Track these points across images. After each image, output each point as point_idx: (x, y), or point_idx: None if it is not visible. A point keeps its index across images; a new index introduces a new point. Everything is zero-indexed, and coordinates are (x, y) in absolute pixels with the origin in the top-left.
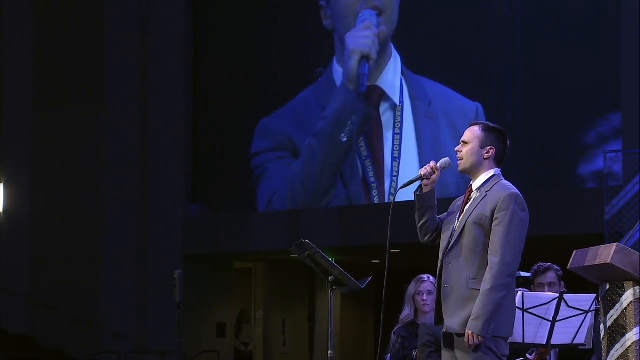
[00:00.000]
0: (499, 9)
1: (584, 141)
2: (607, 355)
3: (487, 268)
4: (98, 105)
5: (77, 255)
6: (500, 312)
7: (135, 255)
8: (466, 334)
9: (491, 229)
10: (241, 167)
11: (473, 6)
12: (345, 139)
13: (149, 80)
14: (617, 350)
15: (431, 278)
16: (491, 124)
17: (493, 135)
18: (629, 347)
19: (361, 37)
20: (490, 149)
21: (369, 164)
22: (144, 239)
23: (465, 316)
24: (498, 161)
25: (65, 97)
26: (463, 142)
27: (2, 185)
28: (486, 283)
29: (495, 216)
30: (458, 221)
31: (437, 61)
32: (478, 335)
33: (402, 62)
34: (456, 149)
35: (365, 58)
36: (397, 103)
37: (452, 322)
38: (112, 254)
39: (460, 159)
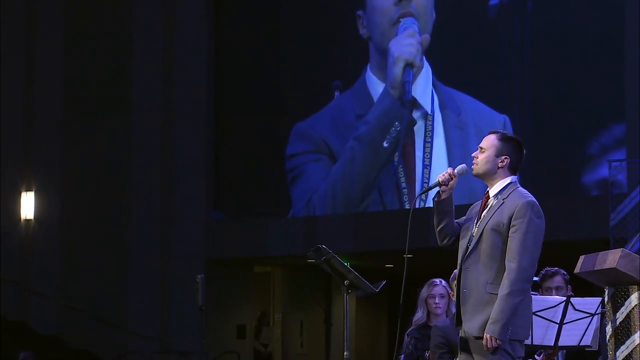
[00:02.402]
0: (509, 24)
1: (588, 151)
2: (614, 357)
3: (505, 273)
4: (124, 116)
5: (104, 260)
6: (516, 316)
7: (160, 260)
8: (484, 337)
9: (508, 236)
10: (261, 176)
11: (485, 23)
12: (387, 145)
13: (173, 93)
14: (623, 351)
15: (443, 282)
16: (509, 134)
17: (509, 145)
18: (634, 348)
19: (406, 45)
20: (505, 158)
21: (401, 170)
22: (168, 245)
23: (483, 320)
24: (513, 170)
25: (93, 109)
26: (480, 148)
27: (33, 193)
28: (504, 288)
29: (512, 223)
30: (476, 227)
31: (465, 73)
32: (496, 339)
33: (433, 73)
34: (473, 154)
35: (409, 65)
36: (429, 112)
37: (470, 325)
38: (138, 258)
39: (475, 164)
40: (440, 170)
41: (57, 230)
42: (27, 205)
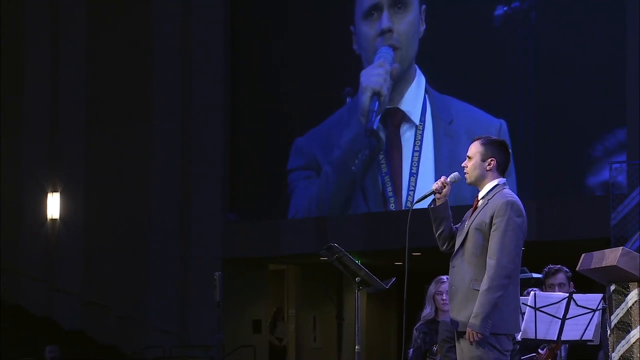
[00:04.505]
0: (513, 33)
1: (592, 154)
2: (614, 351)
3: (485, 270)
4: (144, 122)
5: (126, 258)
6: (498, 311)
7: (179, 259)
8: (467, 332)
9: (490, 234)
10: (273, 180)
11: (491, 30)
12: (354, 169)
13: (190, 100)
14: (623, 346)
15: None
16: (491, 137)
17: (493, 147)
18: (633, 343)
19: (373, 75)
20: (491, 160)
21: (388, 179)
22: (187, 244)
23: (468, 315)
24: (501, 170)
25: (115, 115)
26: (468, 156)
27: (59, 194)
28: (484, 284)
29: (493, 222)
30: (465, 228)
31: (461, 80)
32: (477, 333)
33: (427, 82)
34: (463, 164)
35: (376, 95)
36: (417, 123)
37: (458, 320)
38: (158, 258)
39: (466, 173)
40: (428, 178)
41: (82, 230)
42: (53, 205)
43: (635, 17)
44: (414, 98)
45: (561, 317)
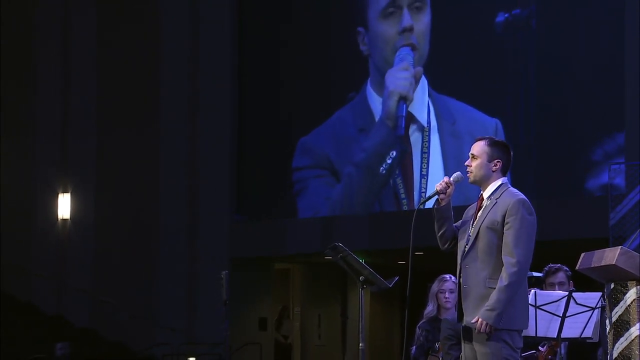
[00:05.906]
0: (514, 39)
1: (591, 157)
2: (613, 348)
3: (503, 267)
4: (153, 124)
5: (135, 257)
6: (512, 307)
7: (187, 258)
8: (478, 322)
9: (503, 232)
10: (280, 181)
11: (492, 35)
12: (383, 172)
13: (198, 103)
14: (622, 343)
15: (453, 278)
16: (495, 139)
17: (499, 149)
18: (632, 340)
19: (400, 79)
20: (497, 161)
21: (400, 181)
22: (194, 244)
23: None
24: (504, 171)
25: (124, 117)
26: (472, 155)
27: (69, 194)
28: (502, 280)
29: (506, 220)
30: (472, 227)
31: (459, 81)
32: (490, 325)
33: (428, 84)
34: (466, 163)
35: (403, 99)
36: (425, 125)
37: (471, 318)
38: (166, 257)
39: (470, 172)
40: (437, 179)
41: (92, 230)
42: (64, 205)
43: (635, 23)
44: (421, 100)
45: (561, 315)
